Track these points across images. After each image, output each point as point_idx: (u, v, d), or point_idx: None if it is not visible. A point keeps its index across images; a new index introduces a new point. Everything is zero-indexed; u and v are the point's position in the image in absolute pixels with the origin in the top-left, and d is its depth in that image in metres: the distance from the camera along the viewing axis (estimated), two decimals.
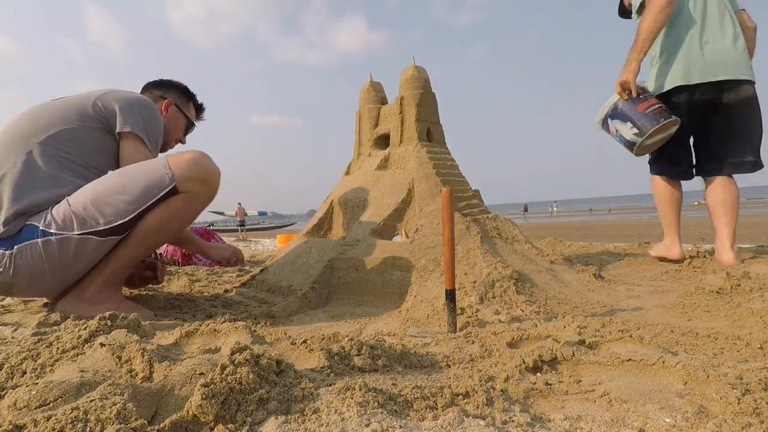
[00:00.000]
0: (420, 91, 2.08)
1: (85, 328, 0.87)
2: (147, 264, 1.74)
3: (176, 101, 1.67)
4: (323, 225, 2.21)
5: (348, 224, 2.08)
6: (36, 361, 0.77)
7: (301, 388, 0.62)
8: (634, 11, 2.05)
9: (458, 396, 0.65)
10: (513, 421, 0.58)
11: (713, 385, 0.65)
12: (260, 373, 0.62)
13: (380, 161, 2.16)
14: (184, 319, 1.35)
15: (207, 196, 1.35)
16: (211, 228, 3.89)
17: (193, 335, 0.91)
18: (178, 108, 1.68)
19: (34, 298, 1.53)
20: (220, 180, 1.38)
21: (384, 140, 2.30)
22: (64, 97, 1.41)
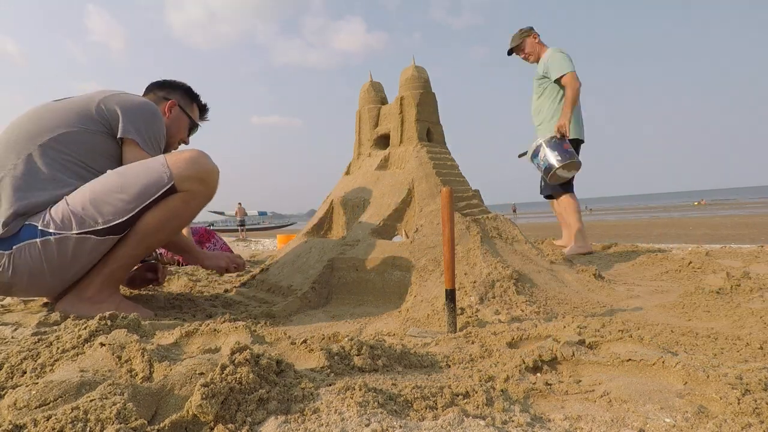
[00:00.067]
0: (420, 91, 2.08)
1: (85, 328, 0.87)
2: (147, 265, 1.74)
3: (180, 102, 1.66)
4: (323, 225, 2.21)
5: (348, 224, 2.08)
6: (36, 361, 0.77)
7: (301, 388, 0.62)
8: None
9: (458, 396, 0.65)
10: (513, 421, 0.58)
11: (713, 385, 0.65)
12: (260, 373, 0.62)
13: (380, 161, 2.16)
14: (184, 319, 1.35)
15: (206, 195, 1.35)
16: (211, 228, 3.87)
17: (193, 335, 0.91)
18: (182, 109, 1.67)
19: (33, 298, 1.53)
20: (219, 179, 1.37)
21: (384, 140, 2.30)
22: (67, 97, 1.40)
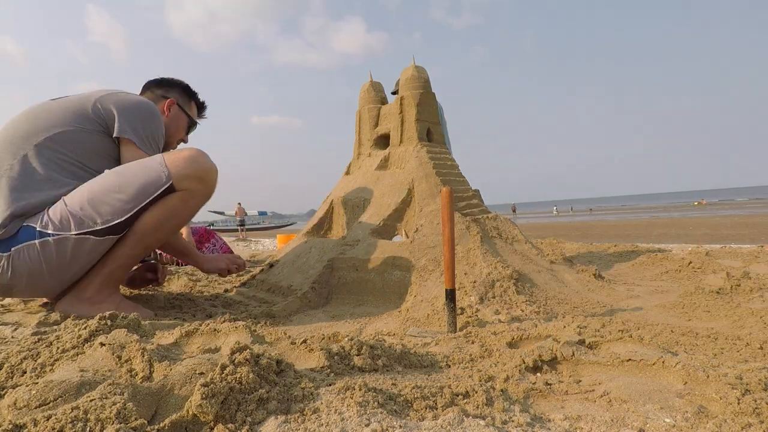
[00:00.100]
0: (420, 91, 2.08)
1: (85, 328, 0.87)
2: (147, 266, 1.73)
3: (178, 100, 1.66)
4: (323, 225, 2.21)
5: (348, 224, 2.08)
6: (36, 361, 0.77)
7: (301, 388, 0.62)
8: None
9: (458, 396, 0.65)
10: (513, 421, 0.58)
11: (713, 385, 0.65)
12: (260, 372, 0.62)
13: (380, 161, 2.16)
14: (184, 319, 1.35)
15: (204, 194, 1.34)
16: (211, 228, 3.88)
17: (193, 335, 0.90)
18: (180, 107, 1.66)
19: (34, 298, 1.53)
20: (218, 177, 1.37)
21: (384, 140, 2.30)
22: (63, 97, 1.39)
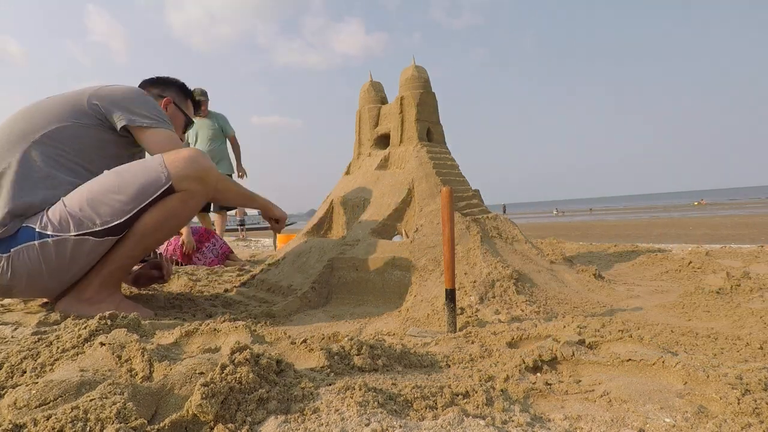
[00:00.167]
0: (420, 91, 2.08)
1: (85, 328, 0.87)
2: (152, 263, 1.73)
3: (174, 99, 1.65)
4: (323, 225, 2.21)
5: (348, 224, 2.08)
6: (36, 361, 0.77)
7: (301, 388, 0.62)
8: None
9: (458, 396, 0.65)
10: (513, 421, 0.58)
11: (713, 385, 0.65)
12: (260, 372, 0.62)
13: (380, 161, 2.16)
14: (184, 319, 1.35)
15: (203, 194, 1.35)
16: (211, 228, 3.87)
17: (193, 335, 0.90)
18: (177, 106, 1.66)
19: (33, 298, 1.52)
20: (216, 178, 1.37)
21: (384, 140, 2.30)
22: (58, 94, 1.39)
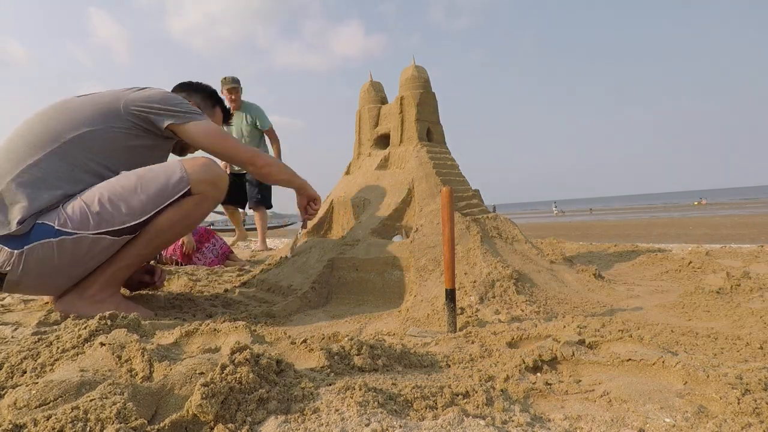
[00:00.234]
0: (420, 91, 2.08)
1: (85, 328, 0.87)
2: (144, 268, 1.71)
3: (199, 105, 1.64)
4: (323, 225, 2.21)
5: (348, 224, 2.08)
6: (36, 361, 0.77)
7: (301, 388, 0.62)
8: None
9: (458, 396, 0.65)
10: (513, 420, 0.58)
11: (713, 385, 0.65)
12: (260, 372, 0.62)
13: (380, 161, 2.16)
14: (184, 319, 1.35)
15: (216, 199, 1.41)
16: (211, 228, 3.87)
17: (193, 335, 0.91)
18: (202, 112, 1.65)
19: (37, 295, 1.52)
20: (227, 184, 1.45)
21: (384, 140, 2.30)
22: (88, 94, 1.39)
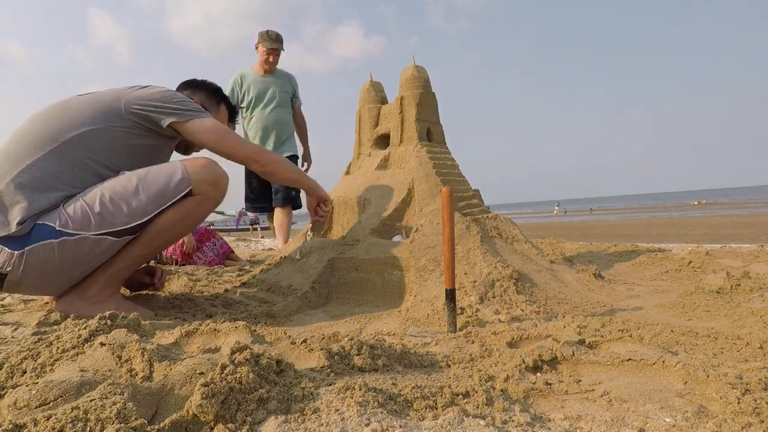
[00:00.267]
0: (420, 91, 2.08)
1: (85, 328, 0.87)
2: (145, 269, 1.70)
3: (203, 103, 1.62)
4: (323, 225, 2.21)
5: (348, 224, 2.08)
6: (36, 361, 0.77)
7: (301, 388, 0.62)
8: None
9: (458, 396, 0.65)
10: (513, 420, 0.58)
11: (713, 384, 0.65)
12: (260, 372, 0.62)
13: (380, 161, 2.16)
14: (184, 319, 1.35)
15: (216, 199, 1.40)
16: (212, 227, 3.85)
17: (193, 335, 0.91)
18: (205, 110, 1.62)
19: (38, 295, 1.52)
20: (228, 184, 1.45)
21: (384, 140, 2.30)
22: (87, 94, 1.38)
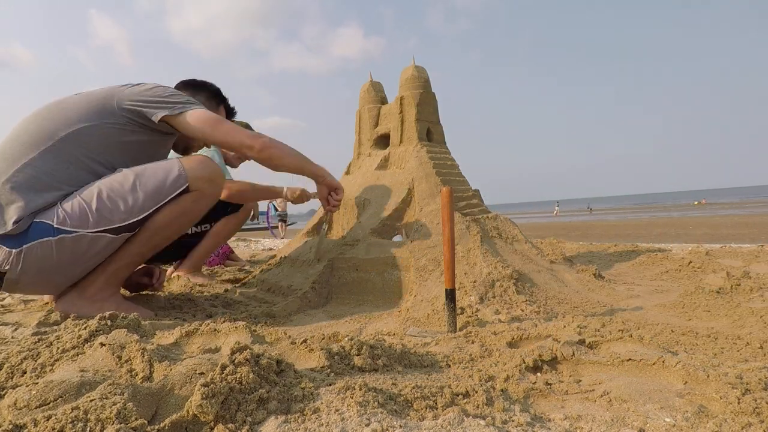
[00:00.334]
0: (420, 91, 2.08)
1: (85, 328, 0.87)
2: (144, 270, 1.70)
3: (203, 104, 1.60)
4: (323, 225, 2.21)
5: (348, 224, 2.08)
6: (36, 361, 0.77)
7: (301, 388, 0.62)
8: None
9: (458, 396, 0.65)
10: (513, 420, 0.59)
11: (713, 384, 0.65)
12: (260, 372, 0.62)
13: (380, 161, 2.16)
14: (184, 319, 1.35)
15: (213, 196, 1.41)
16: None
17: (193, 335, 0.90)
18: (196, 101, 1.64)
19: (37, 294, 1.52)
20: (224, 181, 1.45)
21: (384, 140, 2.30)
22: (82, 93, 1.38)
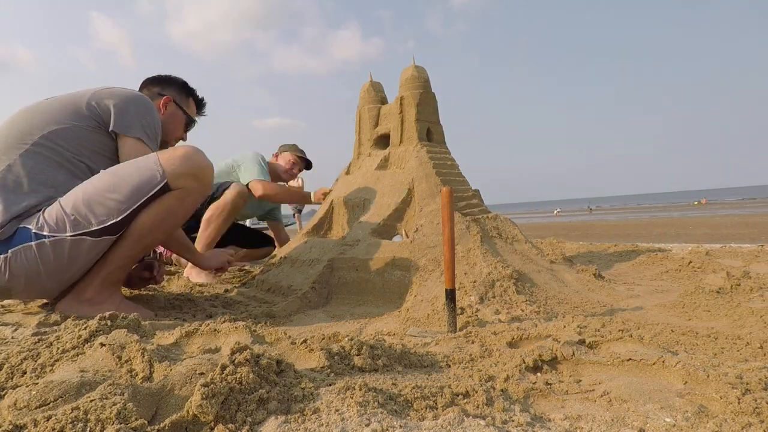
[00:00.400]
0: (420, 91, 2.08)
1: (85, 328, 0.87)
2: (144, 264, 1.72)
3: (175, 98, 1.64)
4: (323, 225, 2.21)
5: (348, 224, 2.08)
6: (36, 361, 0.77)
7: (301, 388, 0.62)
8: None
9: (458, 396, 0.65)
10: (513, 420, 0.58)
11: (713, 384, 0.65)
12: (260, 373, 0.62)
13: (380, 161, 2.16)
14: (184, 319, 1.35)
15: (200, 192, 1.34)
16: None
17: (193, 335, 0.90)
18: (177, 105, 1.64)
19: (31, 300, 1.52)
20: (214, 175, 1.38)
21: (384, 140, 2.30)
22: (57, 96, 1.38)
